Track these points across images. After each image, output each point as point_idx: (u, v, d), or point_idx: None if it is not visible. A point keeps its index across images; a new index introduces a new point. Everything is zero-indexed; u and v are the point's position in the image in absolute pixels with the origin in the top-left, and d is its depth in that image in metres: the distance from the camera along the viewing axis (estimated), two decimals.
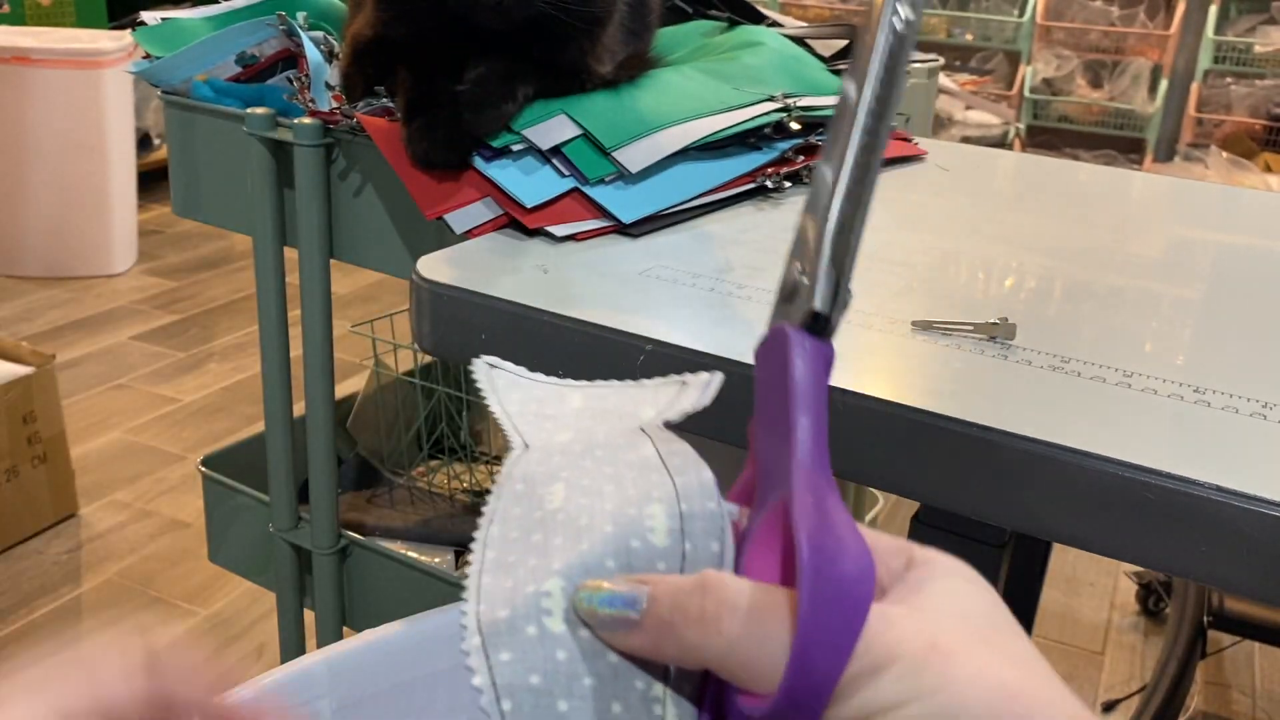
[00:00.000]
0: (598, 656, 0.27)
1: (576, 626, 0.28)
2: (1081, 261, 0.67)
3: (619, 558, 0.28)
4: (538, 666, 0.27)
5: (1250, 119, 3.29)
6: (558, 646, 0.27)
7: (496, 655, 0.27)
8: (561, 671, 0.27)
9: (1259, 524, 0.39)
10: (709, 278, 0.58)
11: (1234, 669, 1.60)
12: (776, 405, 0.28)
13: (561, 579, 0.28)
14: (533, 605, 0.28)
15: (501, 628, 0.27)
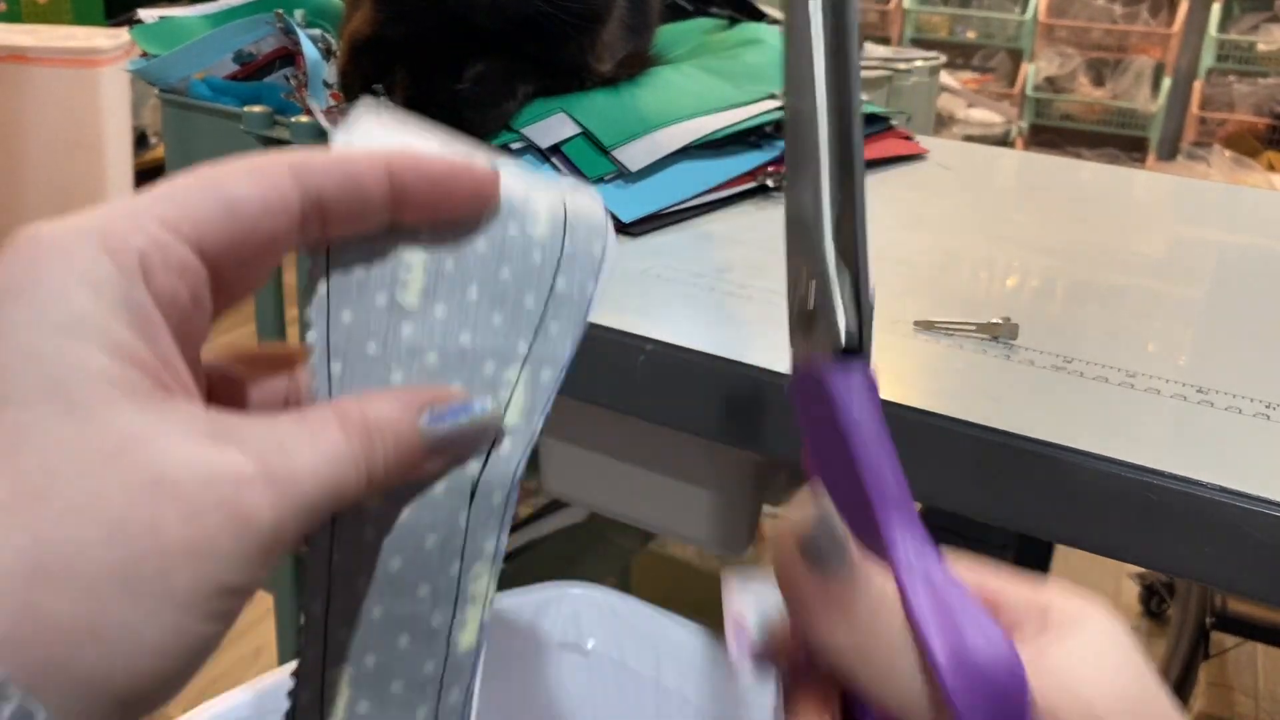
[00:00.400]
0: (449, 337, 0.26)
1: (432, 304, 0.26)
2: (1084, 261, 0.66)
3: (492, 240, 0.27)
4: (378, 334, 0.26)
5: (1253, 117, 3.29)
6: (405, 321, 0.26)
7: (338, 313, 0.26)
8: (404, 346, 0.26)
9: (1262, 525, 0.39)
10: (709, 277, 0.58)
11: (1237, 670, 1.59)
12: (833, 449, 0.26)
13: (425, 252, 0.26)
14: (389, 274, 0.26)
15: (351, 286, 0.26)
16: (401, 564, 0.26)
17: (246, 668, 1.40)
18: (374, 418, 0.24)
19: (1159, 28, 3.47)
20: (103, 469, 0.20)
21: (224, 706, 0.52)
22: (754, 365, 0.47)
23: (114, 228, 0.22)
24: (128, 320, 0.22)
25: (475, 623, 0.27)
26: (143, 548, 0.20)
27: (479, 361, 0.26)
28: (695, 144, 0.70)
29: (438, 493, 0.26)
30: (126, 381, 0.21)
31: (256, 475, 0.21)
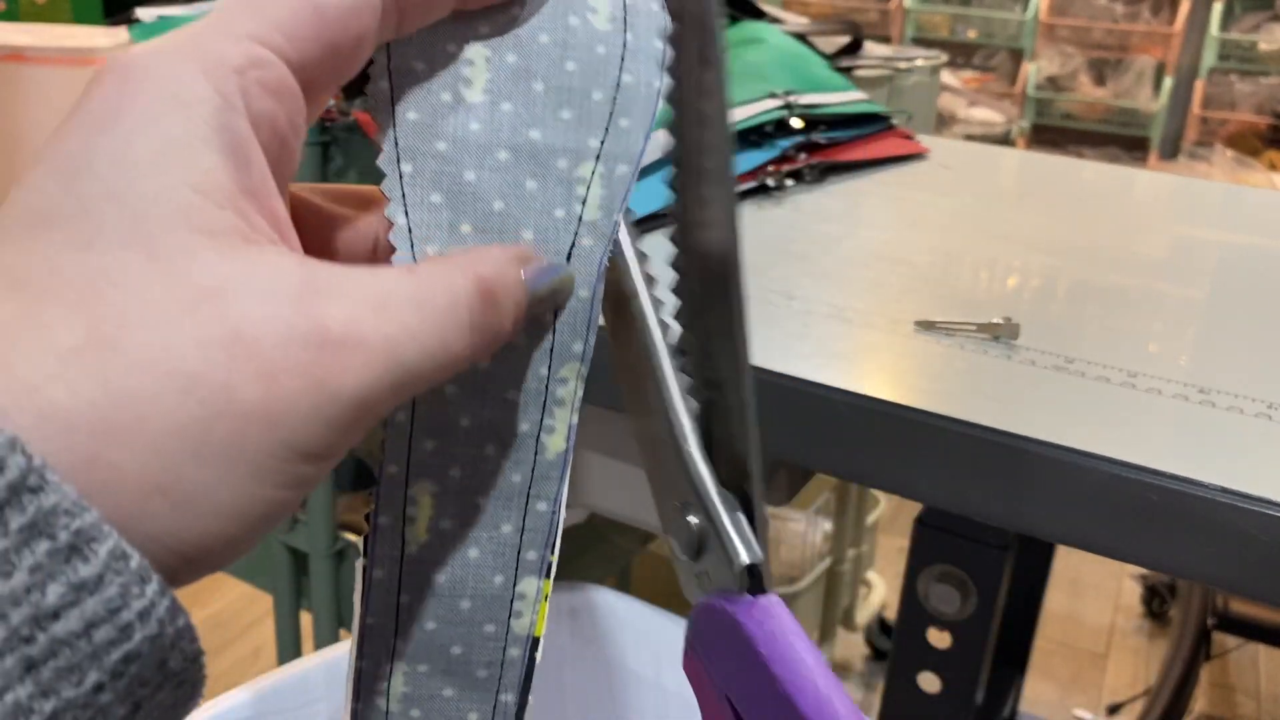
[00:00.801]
0: (518, 133, 0.25)
1: (499, 100, 0.25)
2: (1085, 260, 0.66)
3: (554, 33, 0.26)
4: (446, 134, 0.25)
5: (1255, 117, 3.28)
6: (472, 118, 0.25)
7: (404, 113, 0.24)
8: (473, 142, 0.25)
9: (1264, 525, 0.38)
10: None
11: (1238, 671, 1.59)
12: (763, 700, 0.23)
13: (486, 47, 0.25)
14: (451, 71, 0.25)
15: (414, 84, 0.24)
16: (491, 366, 0.25)
17: (246, 668, 1.40)
18: (497, 274, 0.22)
19: (1160, 27, 3.46)
20: (179, 322, 0.19)
21: (224, 706, 0.52)
22: (754, 365, 0.47)
23: (210, 45, 0.20)
24: (221, 148, 0.20)
25: (564, 426, 0.26)
26: (216, 408, 0.18)
27: (551, 157, 0.25)
28: None
29: None
30: (212, 224, 0.19)
31: (344, 340, 0.19)
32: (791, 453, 0.47)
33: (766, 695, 0.22)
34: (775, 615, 0.23)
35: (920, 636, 0.75)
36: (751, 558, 0.23)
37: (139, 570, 0.17)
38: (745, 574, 0.23)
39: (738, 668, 0.23)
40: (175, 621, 0.18)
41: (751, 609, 0.23)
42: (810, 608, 1.45)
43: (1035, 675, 1.54)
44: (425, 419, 0.24)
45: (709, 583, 0.24)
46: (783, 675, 0.22)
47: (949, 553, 0.72)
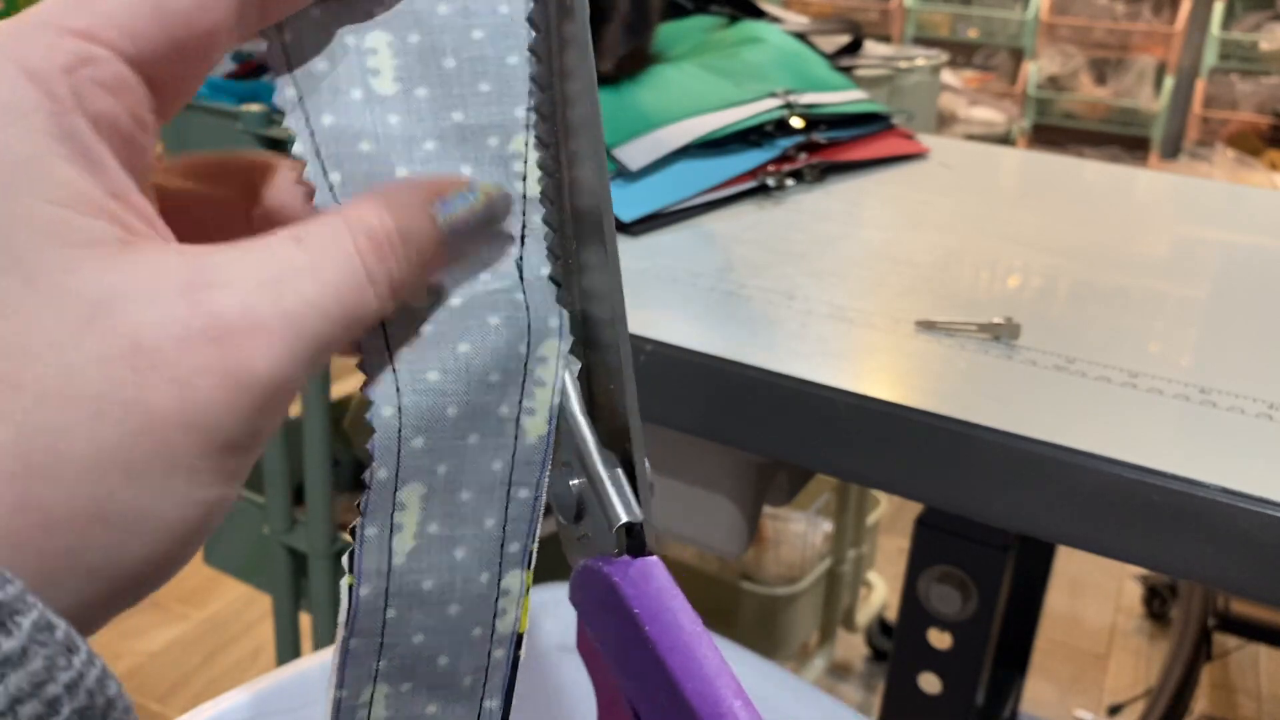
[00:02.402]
0: (440, 118, 0.24)
1: (412, 87, 0.23)
2: (1086, 260, 0.66)
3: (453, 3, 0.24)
4: (367, 132, 0.23)
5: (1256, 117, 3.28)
6: (389, 110, 0.23)
7: (318, 118, 0.23)
8: (397, 136, 0.23)
9: (1265, 526, 0.38)
10: (710, 276, 0.58)
11: (1239, 672, 1.59)
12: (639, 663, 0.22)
13: (386, 31, 0.23)
14: (356, 65, 0.23)
15: (321, 86, 0.23)
16: (470, 348, 0.24)
17: (246, 668, 1.40)
18: (383, 222, 0.21)
19: (1161, 26, 3.46)
20: (74, 343, 0.17)
21: (223, 707, 0.52)
22: (754, 365, 0.47)
23: (27, 45, 0.19)
24: (70, 156, 0.18)
25: (545, 409, 0.25)
26: (134, 425, 0.18)
27: (481, 136, 0.24)
28: (695, 143, 0.69)
29: (484, 279, 0.24)
30: (82, 233, 0.18)
31: (243, 324, 0.19)
32: (791, 453, 0.47)
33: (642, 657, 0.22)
34: (652, 576, 0.23)
35: (921, 637, 0.74)
36: (630, 516, 0.23)
37: (65, 640, 0.16)
38: (623, 532, 0.23)
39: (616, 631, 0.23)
40: (105, 690, 0.17)
41: (628, 569, 0.23)
42: (810, 608, 1.45)
43: (1036, 676, 1.54)
44: (413, 413, 0.23)
45: (590, 546, 0.24)
46: (656, 637, 0.21)
47: (949, 553, 0.71)
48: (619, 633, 0.22)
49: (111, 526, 0.18)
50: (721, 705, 0.20)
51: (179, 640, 1.48)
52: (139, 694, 1.37)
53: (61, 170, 0.18)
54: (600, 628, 0.23)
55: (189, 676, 1.41)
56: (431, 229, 0.22)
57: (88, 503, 0.17)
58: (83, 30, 0.19)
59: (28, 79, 0.18)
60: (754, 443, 0.48)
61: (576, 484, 0.24)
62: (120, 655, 1.44)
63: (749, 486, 0.64)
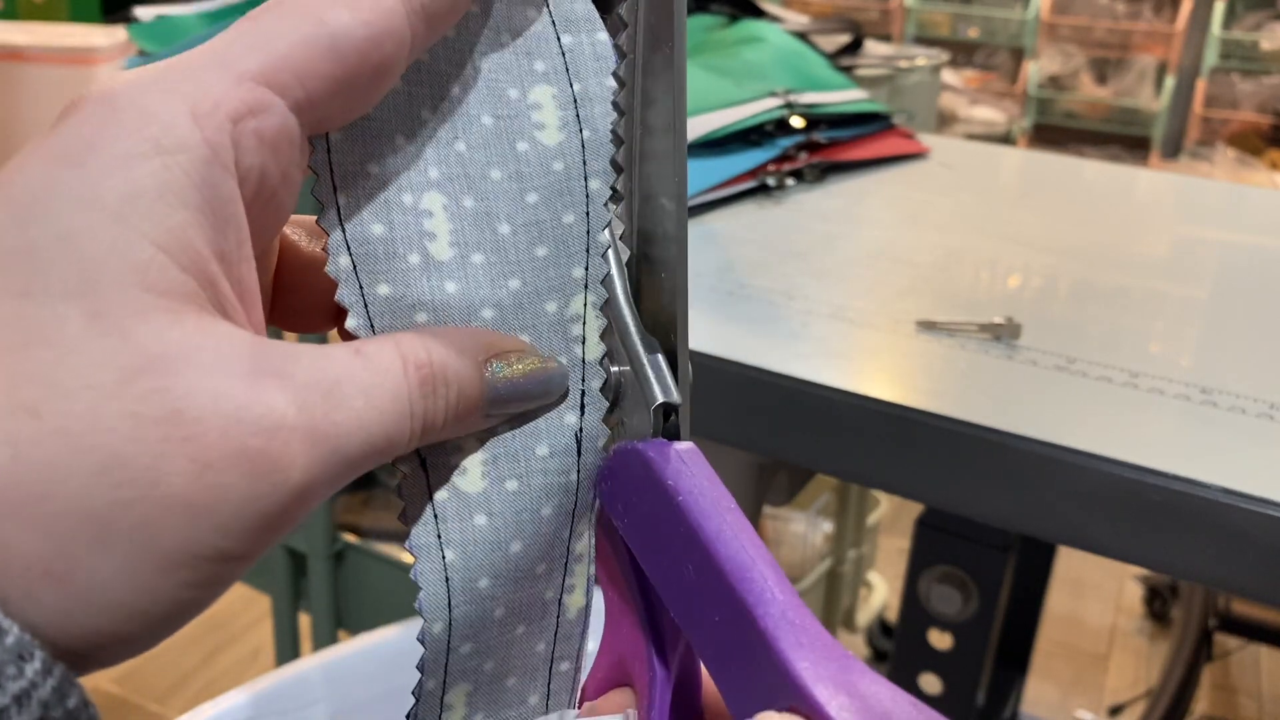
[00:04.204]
0: (498, 285, 0.23)
1: (468, 253, 0.22)
2: (1087, 260, 0.66)
3: (505, 165, 0.23)
4: (424, 302, 0.22)
5: (1257, 116, 3.28)
6: (446, 278, 0.22)
7: (373, 289, 0.21)
8: (454, 306, 0.22)
9: (1266, 526, 0.38)
10: (710, 276, 0.58)
11: (1240, 673, 1.59)
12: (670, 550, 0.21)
13: (440, 193, 0.22)
14: (413, 227, 0.22)
15: (378, 251, 0.22)
16: (521, 547, 0.23)
17: (245, 669, 1.40)
18: (431, 357, 0.20)
19: (1162, 26, 3.46)
20: (113, 391, 0.16)
21: (222, 708, 0.52)
22: (753, 365, 0.47)
23: (206, 84, 0.18)
24: (198, 204, 0.18)
25: (584, 581, 0.24)
26: (134, 492, 0.16)
27: (538, 303, 0.23)
28: (696, 142, 0.69)
29: (541, 456, 0.23)
30: (169, 285, 0.17)
31: (297, 425, 0.18)
32: (792, 453, 0.47)
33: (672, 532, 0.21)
34: (686, 456, 0.22)
35: (921, 638, 0.74)
36: (666, 397, 0.23)
37: (16, 647, 0.15)
38: (660, 413, 0.23)
39: (645, 509, 0.22)
40: (64, 702, 0.16)
41: (664, 449, 0.22)
42: (811, 608, 1.45)
43: (1036, 676, 1.54)
44: (463, 623, 0.22)
45: (625, 432, 0.24)
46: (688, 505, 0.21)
47: (950, 554, 0.71)
48: (649, 510, 0.22)
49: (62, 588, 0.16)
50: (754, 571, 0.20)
51: (178, 640, 1.47)
52: (138, 694, 1.37)
53: (178, 216, 0.17)
54: (628, 510, 0.23)
55: (188, 676, 1.41)
56: (478, 383, 0.21)
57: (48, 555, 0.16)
58: (257, 74, 0.18)
59: (192, 119, 0.18)
60: (754, 443, 0.48)
61: (616, 370, 0.23)
62: None
63: (749, 486, 0.64)
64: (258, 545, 0.18)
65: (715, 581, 0.20)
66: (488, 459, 0.23)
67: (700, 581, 0.21)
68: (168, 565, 0.17)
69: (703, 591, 0.20)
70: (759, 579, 0.20)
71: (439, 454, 0.22)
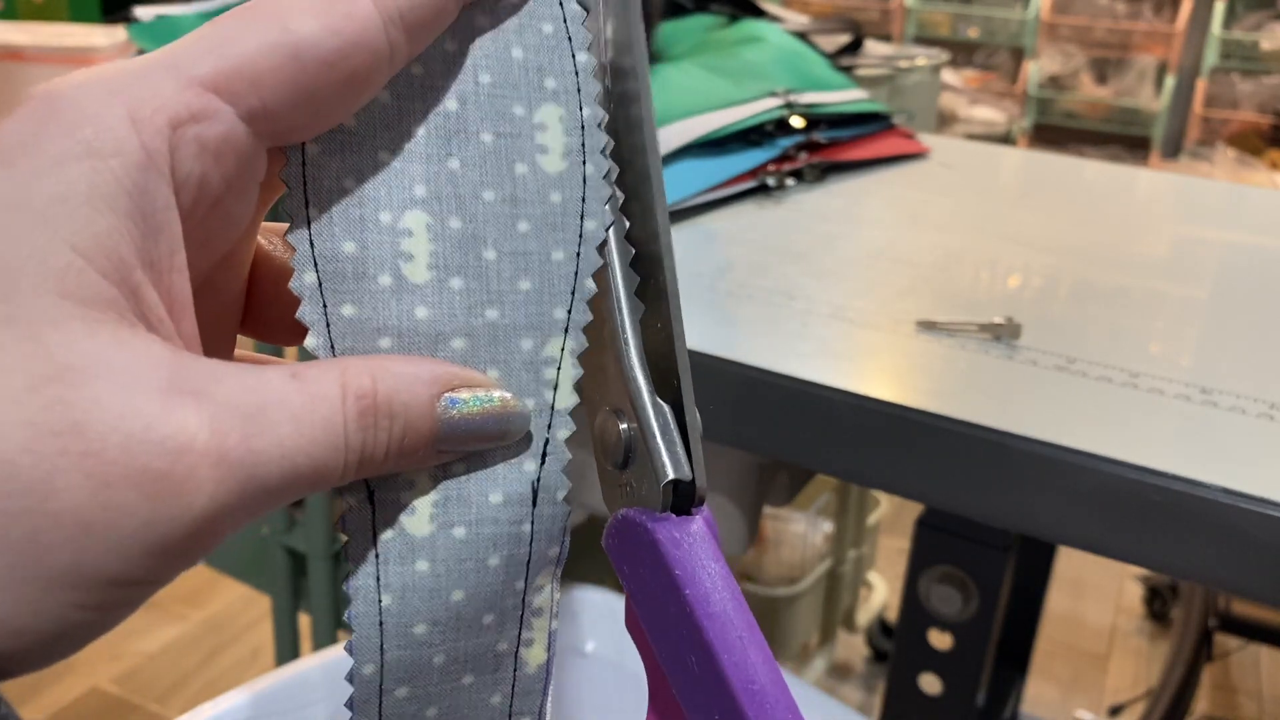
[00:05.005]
0: (473, 314, 0.22)
1: (447, 277, 0.21)
2: (1087, 260, 0.66)
3: (500, 188, 0.22)
4: (390, 327, 0.21)
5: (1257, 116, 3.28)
6: (418, 302, 0.21)
7: (337, 309, 0.21)
8: (422, 332, 0.21)
9: (1266, 526, 0.38)
10: (709, 277, 0.58)
11: (1240, 673, 1.59)
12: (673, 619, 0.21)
13: (425, 212, 0.21)
14: (388, 247, 0.21)
15: (346, 269, 0.21)
16: (464, 596, 0.22)
17: (244, 669, 1.40)
18: (387, 394, 0.19)
19: (1162, 26, 3.46)
20: (17, 398, 0.16)
21: (222, 708, 0.52)
22: (754, 365, 0.47)
23: (150, 87, 0.18)
24: (127, 210, 0.17)
25: (544, 635, 0.23)
26: (23, 503, 0.16)
27: (515, 338, 0.22)
28: (696, 143, 0.69)
29: (494, 503, 0.22)
30: (89, 293, 0.17)
31: (208, 449, 0.17)
32: (792, 453, 0.47)
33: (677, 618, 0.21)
34: (695, 537, 0.22)
35: (921, 638, 0.74)
36: (677, 473, 0.22)
37: None
38: (670, 489, 0.22)
39: (651, 586, 0.22)
40: None
41: (672, 529, 0.22)
42: (811, 609, 1.45)
43: (1036, 676, 1.54)
44: (396, 667, 0.22)
45: (633, 496, 0.23)
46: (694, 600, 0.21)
47: (950, 554, 0.71)
48: (656, 590, 0.22)
49: None
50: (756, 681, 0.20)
51: (178, 640, 1.48)
52: (139, 694, 1.37)
53: (104, 221, 0.17)
54: (635, 580, 0.22)
55: (188, 677, 1.41)
56: (428, 418, 0.20)
57: None
58: (208, 80, 0.18)
59: (130, 124, 0.17)
60: (754, 443, 0.48)
61: (626, 429, 0.23)
62: (119, 655, 1.43)
63: (749, 486, 0.64)
64: (157, 571, 0.17)
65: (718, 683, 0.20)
66: (438, 500, 0.22)
67: (703, 677, 0.20)
68: (53, 584, 0.16)
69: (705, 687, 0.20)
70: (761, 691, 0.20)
71: (388, 490, 0.21)
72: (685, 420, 0.23)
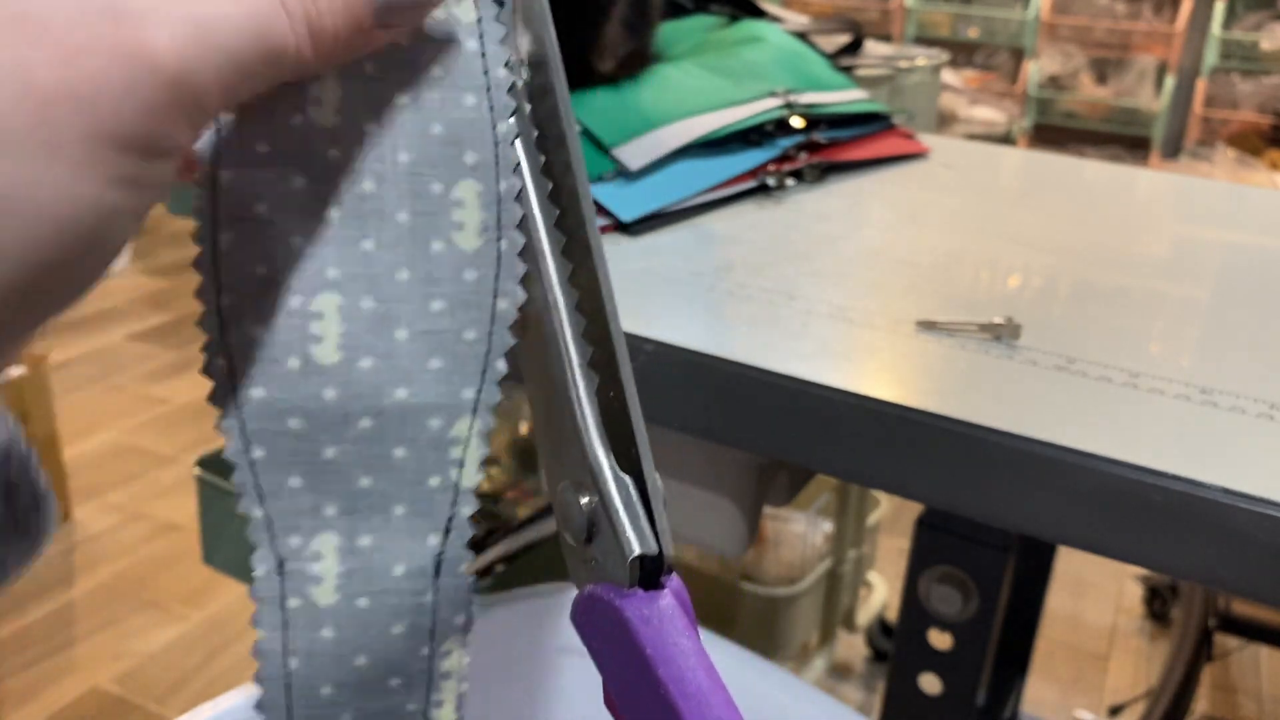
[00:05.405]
0: (382, 394, 0.22)
1: (356, 357, 0.22)
2: (1087, 260, 0.66)
3: (415, 267, 0.22)
4: (298, 408, 0.21)
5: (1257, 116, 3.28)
6: (327, 383, 0.22)
7: (247, 391, 0.21)
8: (330, 413, 0.22)
9: (1266, 526, 0.38)
10: (709, 277, 0.58)
11: (1240, 673, 1.59)
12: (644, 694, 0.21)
13: (337, 294, 0.22)
14: (297, 330, 0.21)
15: (255, 355, 0.21)
16: (369, 661, 0.23)
17: (245, 668, 1.40)
18: None
19: (1162, 26, 3.46)
20: None
21: (224, 707, 0.52)
22: (754, 365, 0.47)
23: None
24: None
25: (453, 697, 0.24)
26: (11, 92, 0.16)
27: (422, 417, 0.22)
28: (696, 142, 0.69)
29: (397, 575, 0.23)
30: None
31: (145, 11, 0.17)
32: (792, 453, 0.47)
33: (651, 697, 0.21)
34: (665, 613, 0.21)
35: (921, 638, 0.74)
36: (644, 548, 0.22)
37: None
38: (637, 565, 0.22)
39: (623, 664, 0.22)
40: None
41: (641, 605, 0.21)
42: (811, 609, 1.45)
43: (1036, 676, 1.54)
44: None
45: (600, 571, 0.23)
46: (668, 680, 0.20)
47: (950, 554, 0.71)
48: (627, 668, 0.22)
49: None
50: None
51: (179, 640, 1.48)
52: (139, 694, 1.37)
53: None
54: (606, 658, 0.22)
55: (189, 676, 1.41)
56: None
57: None
58: None
59: None
60: (754, 443, 0.48)
61: (587, 503, 0.22)
62: (120, 656, 1.43)
63: (749, 486, 0.64)
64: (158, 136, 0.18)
65: None
66: (343, 572, 0.22)
67: None
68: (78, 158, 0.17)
69: None
70: None
71: (297, 560, 0.22)
72: (647, 488, 0.22)
